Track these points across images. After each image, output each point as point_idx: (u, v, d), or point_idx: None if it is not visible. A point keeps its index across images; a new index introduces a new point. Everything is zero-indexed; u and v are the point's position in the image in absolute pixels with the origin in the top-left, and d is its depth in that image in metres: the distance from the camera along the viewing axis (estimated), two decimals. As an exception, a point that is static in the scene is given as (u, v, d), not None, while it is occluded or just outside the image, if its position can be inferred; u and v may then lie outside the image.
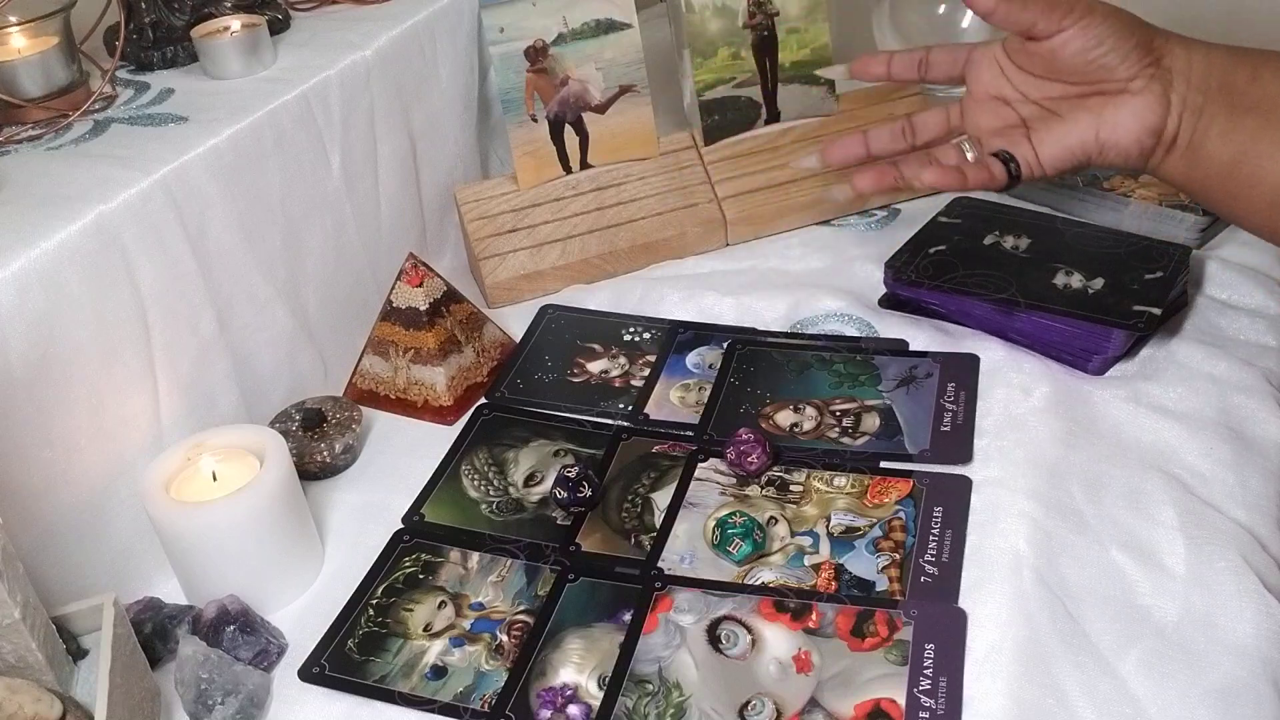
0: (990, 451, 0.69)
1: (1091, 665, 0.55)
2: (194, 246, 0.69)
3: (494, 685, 0.59)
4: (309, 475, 0.73)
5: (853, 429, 0.73)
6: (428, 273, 0.78)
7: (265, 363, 0.77)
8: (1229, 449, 0.66)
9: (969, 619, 0.58)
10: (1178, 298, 0.77)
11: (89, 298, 0.63)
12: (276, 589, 0.65)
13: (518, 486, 0.72)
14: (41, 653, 0.53)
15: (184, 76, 0.82)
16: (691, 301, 0.86)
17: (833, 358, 0.78)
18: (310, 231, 0.79)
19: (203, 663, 0.57)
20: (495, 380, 0.81)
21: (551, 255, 0.90)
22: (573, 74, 0.90)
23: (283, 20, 0.88)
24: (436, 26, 0.90)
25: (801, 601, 0.61)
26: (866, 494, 0.67)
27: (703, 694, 0.57)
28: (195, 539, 0.62)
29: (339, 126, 0.81)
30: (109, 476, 0.65)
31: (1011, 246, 0.81)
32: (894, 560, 0.63)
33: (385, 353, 0.79)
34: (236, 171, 0.72)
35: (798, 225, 0.94)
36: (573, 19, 0.89)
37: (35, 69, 0.75)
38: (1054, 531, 0.62)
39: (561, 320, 0.87)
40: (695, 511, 0.68)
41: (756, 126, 0.96)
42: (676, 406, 0.77)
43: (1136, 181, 0.88)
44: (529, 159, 0.91)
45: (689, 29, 0.92)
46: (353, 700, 0.59)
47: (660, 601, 0.62)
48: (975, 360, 0.76)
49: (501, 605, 0.63)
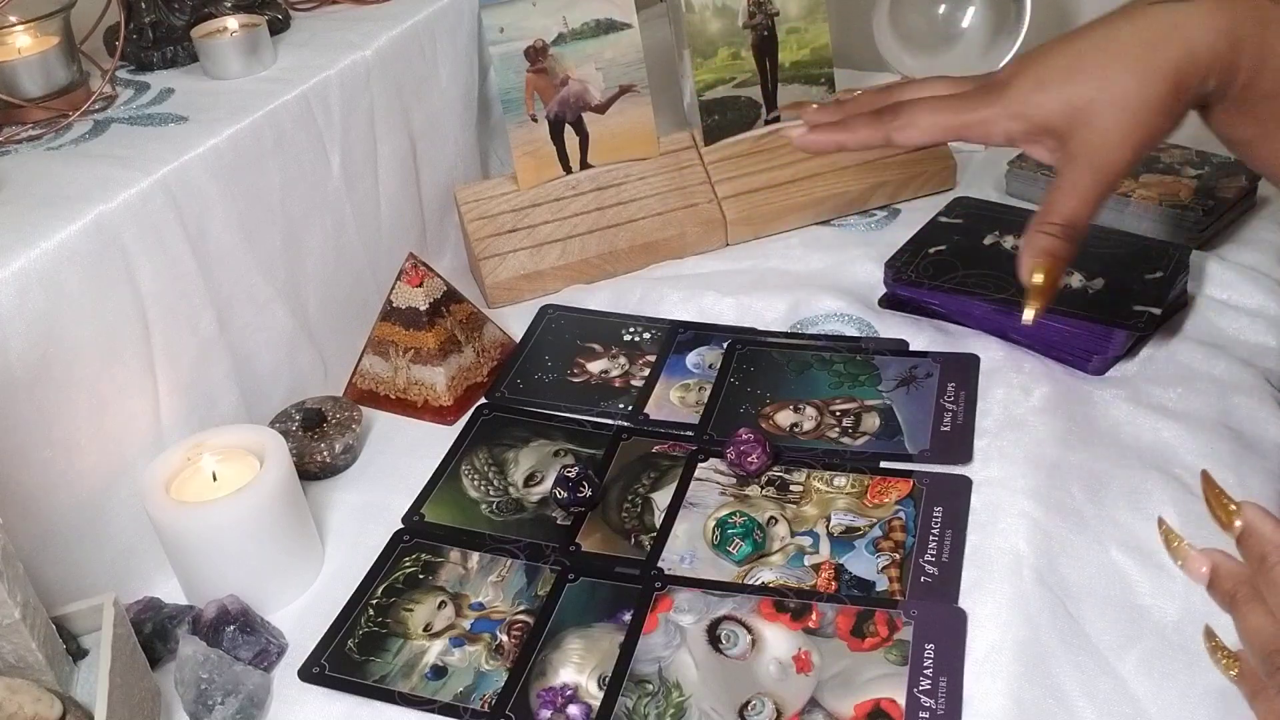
0: (990, 451, 0.69)
1: (1091, 665, 0.55)
2: (194, 246, 0.69)
3: (494, 685, 0.59)
4: (309, 475, 0.73)
5: (853, 429, 0.73)
6: (428, 273, 0.78)
7: (265, 363, 0.77)
8: (1229, 449, 0.66)
9: (969, 619, 0.58)
10: (1178, 298, 0.77)
11: (89, 298, 0.63)
12: (276, 589, 0.65)
13: (518, 486, 0.72)
14: (41, 653, 0.53)
15: (184, 76, 0.82)
16: (691, 301, 0.86)
17: (833, 358, 0.78)
18: (310, 231, 0.79)
19: (203, 663, 0.57)
20: (495, 380, 0.81)
21: (551, 255, 0.90)
22: (573, 74, 0.90)
23: (283, 20, 0.88)
24: (436, 26, 0.90)
25: (801, 601, 0.61)
26: (866, 494, 0.67)
27: (703, 694, 0.57)
28: (195, 539, 0.62)
29: (339, 126, 0.81)
30: (109, 476, 0.65)
31: (1011, 246, 0.81)
32: (894, 560, 0.63)
33: (385, 353, 0.79)
34: (236, 171, 0.72)
35: (798, 225, 0.94)
36: (573, 19, 0.89)
37: (35, 69, 0.75)
38: (1054, 531, 0.62)
39: (561, 320, 0.87)
40: (695, 511, 0.68)
41: (756, 126, 0.96)
42: (676, 406, 0.77)
43: (1136, 181, 0.88)
44: (529, 159, 0.91)
45: (689, 29, 0.92)
46: (353, 700, 0.59)
47: (660, 601, 0.62)
48: (975, 360, 0.76)
49: (501, 605, 0.63)
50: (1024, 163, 0.94)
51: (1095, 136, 0.57)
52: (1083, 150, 0.57)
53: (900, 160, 0.95)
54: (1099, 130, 0.57)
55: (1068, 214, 0.58)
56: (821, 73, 0.95)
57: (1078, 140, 0.57)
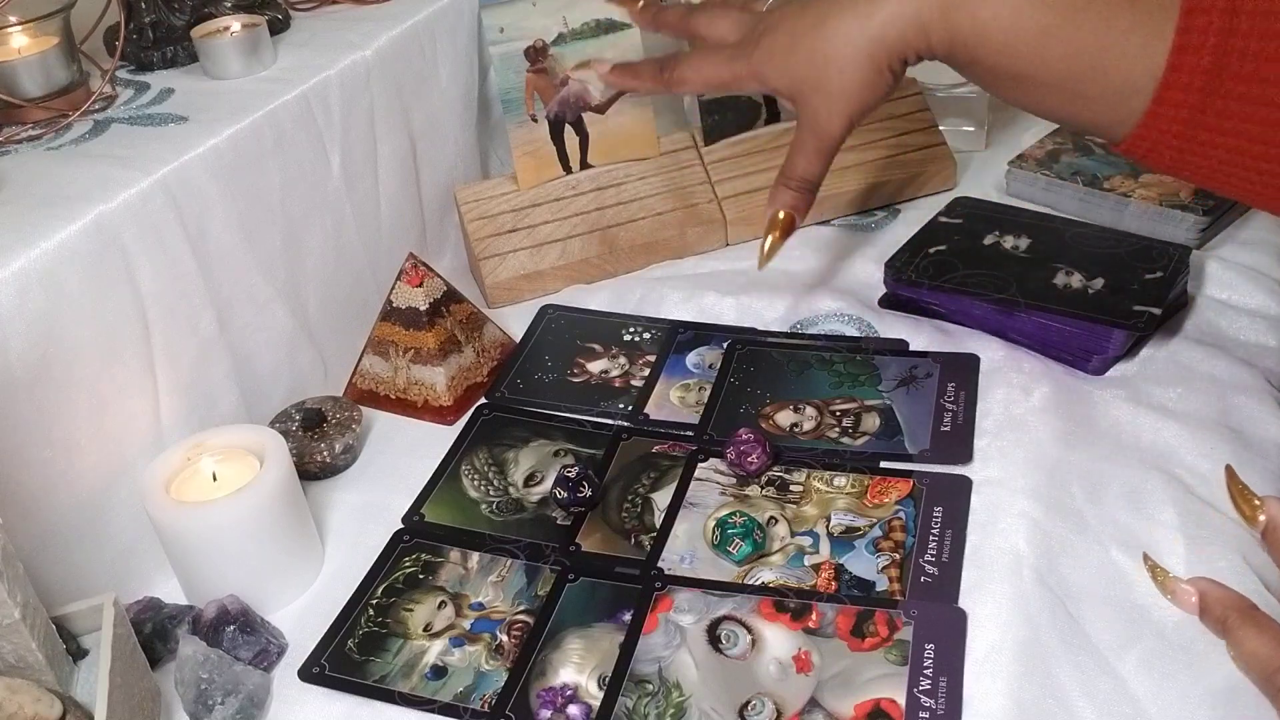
0: (990, 451, 0.69)
1: (1091, 665, 0.55)
2: (194, 246, 0.69)
3: (494, 685, 0.59)
4: (309, 475, 0.73)
5: (853, 429, 0.73)
6: (428, 273, 0.78)
7: (265, 363, 0.77)
8: (1229, 449, 0.66)
9: (969, 619, 0.58)
10: (1178, 298, 0.77)
11: (89, 298, 0.63)
12: (276, 589, 0.65)
13: (518, 486, 0.72)
14: (41, 653, 0.53)
15: (184, 76, 0.82)
16: (691, 301, 0.86)
17: (833, 358, 0.78)
18: (310, 231, 0.79)
19: (203, 663, 0.57)
20: (495, 380, 0.81)
21: (551, 255, 0.90)
22: (573, 74, 0.90)
23: (283, 20, 0.88)
24: (436, 26, 0.90)
25: (801, 601, 0.61)
26: (866, 494, 0.67)
27: (703, 694, 0.57)
28: (195, 539, 0.62)
29: (339, 126, 0.81)
30: (109, 476, 0.65)
31: (1011, 246, 0.81)
32: (894, 560, 0.63)
33: (385, 353, 0.79)
34: (236, 171, 0.72)
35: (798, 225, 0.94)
36: (573, 19, 0.89)
37: (35, 69, 0.75)
38: (1054, 531, 0.62)
39: (561, 320, 0.87)
40: (695, 511, 0.68)
41: (756, 126, 0.96)
42: (676, 406, 0.77)
43: (1136, 181, 0.88)
44: (529, 159, 0.91)
45: (689, 29, 0.92)
46: (353, 700, 0.59)
47: (660, 601, 0.62)
48: (975, 360, 0.76)
49: (501, 605, 0.63)
50: (1024, 163, 0.94)
51: (811, 110, 0.66)
52: (806, 119, 0.67)
53: (900, 160, 0.95)
54: (814, 105, 0.66)
55: (800, 172, 0.69)
56: (821, 73, 0.95)
57: (801, 110, 0.67)
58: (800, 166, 0.69)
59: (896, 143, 0.96)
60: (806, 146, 0.68)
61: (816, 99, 0.65)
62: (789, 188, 0.70)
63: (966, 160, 1.00)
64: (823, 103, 0.65)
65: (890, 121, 0.96)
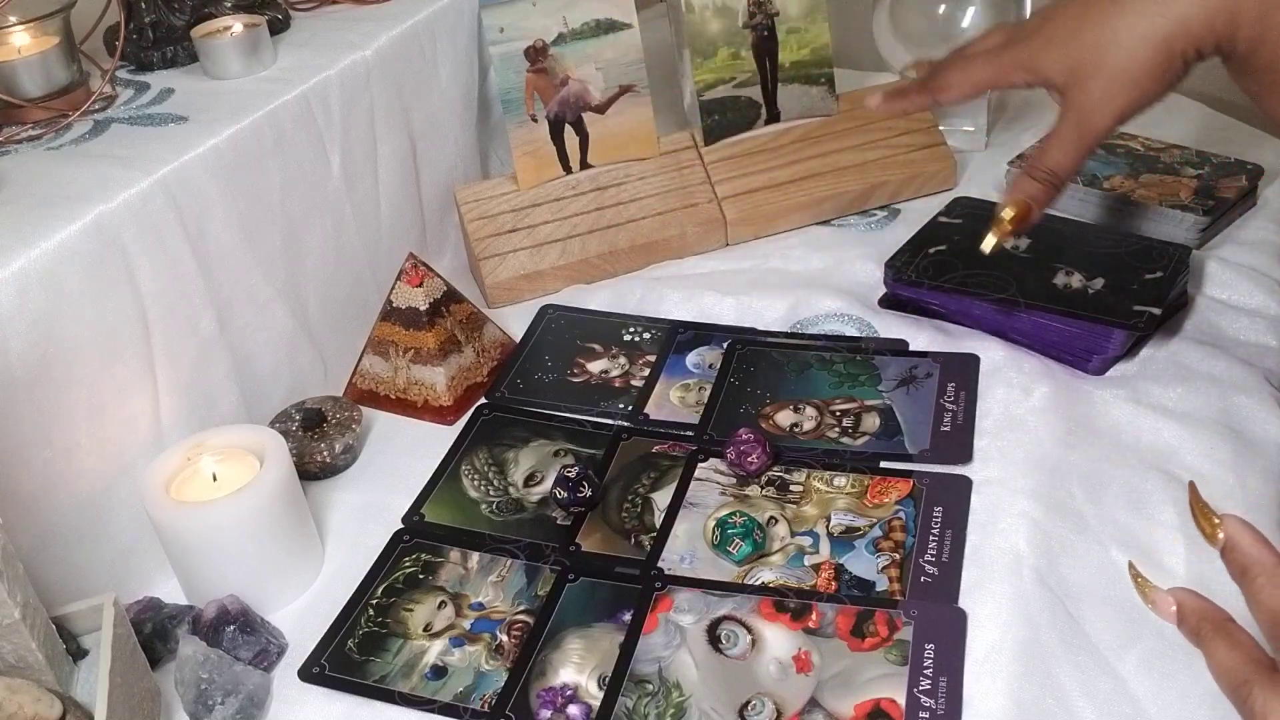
0: (990, 451, 0.69)
1: (1091, 665, 0.55)
2: (194, 246, 0.69)
3: (494, 685, 0.59)
4: (309, 475, 0.73)
5: (853, 429, 0.73)
6: (428, 273, 0.78)
7: (265, 363, 0.77)
8: (1229, 449, 0.66)
9: (969, 619, 0.58)
10: (1178, 298, 0.77)
11: (89, 298, 0.63)
12: (276, 589, 0.65)
13: (518, 486, 0.72)
14: (41, 653, 0.53)
15: (184, 76, 0.82)
16: (691, 301, 0.86)
17: (833, 358, 0.78)
18: (310, 231, 0.79)
19: (203, 663, 0.57)
20: (495, 380, 0.81)
21: (551, 255, 0.90)
22: (573, 74, 0.90)
23: (283, 20, 0.88)
24: (436, 26, 0.90)
25: (801, 601, 0.61)
26: (866, 494, 0.67)
27: (703, 694, 0.57)
28: (195, 539, 0.62)
29: (339, 126, 0.81)
30: (109, 476, 0.65)
31: (1011, 246, 0.81)
32: (894, 560, 0.63)
33: (385, 353, 0.79)
34: (236, 171, 0.72)
35: (798, 225, 0.94)
36: (573, 19, 0.89)
37: (35, 69, 0.75)
38: (1054, 531, 0.62)
39: (561, 320, 0.87)
40: (695, 511, 0.68)
41: (756, 126, 0.96)
42: (676, 406, 0.77)
43: (1137, 181, 0.88)
44: (529, 159, 0.91)
45: (689, 29, 0.92)
46: (353, 700, 0.59)
47: (660, 601, 0.62)
48: (975, 360, 0.76)
49: (501, 605, 0.63)
50: (1024, 163, 0.94)
51: (1084, 98, 0.62)
52: (1073, 109, 0.63)
53: (900, 160, 0.95)
54: (1088, 93, 0.61)
55: (1052, 164, 0.64)
56: (821, 73, 0.95)
57: (1070, 99, 0.62)
58: (1053, 158, 0.64)
59: (896, 143, 0.96)
60: (1065, 137, 0.63)
61: (1092, 84, 0.61)
62: (1034, 178, 0.65)
63: (966, 160, 1.00)
64: (1098, 87, 0.61)
65: (890, 121, 0.96)
